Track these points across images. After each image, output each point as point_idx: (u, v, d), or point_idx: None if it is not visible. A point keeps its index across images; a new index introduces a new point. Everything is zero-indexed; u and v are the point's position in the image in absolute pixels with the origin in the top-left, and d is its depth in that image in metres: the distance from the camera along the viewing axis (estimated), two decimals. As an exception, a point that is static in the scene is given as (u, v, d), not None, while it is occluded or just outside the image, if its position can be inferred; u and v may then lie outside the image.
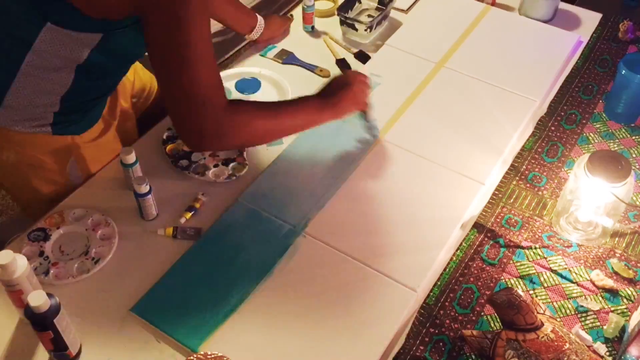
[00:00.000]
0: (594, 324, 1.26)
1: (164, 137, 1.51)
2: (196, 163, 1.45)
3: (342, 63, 1.76)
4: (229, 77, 1.69)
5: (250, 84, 1.68)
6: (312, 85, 1.67)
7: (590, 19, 1.93)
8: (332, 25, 1.89)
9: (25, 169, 1.35)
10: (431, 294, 1.28)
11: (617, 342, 1.24)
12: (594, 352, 1.23)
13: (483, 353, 1.21)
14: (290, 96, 1.61)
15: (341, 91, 1.35)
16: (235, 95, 1.65)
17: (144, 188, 1.28)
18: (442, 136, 1.53)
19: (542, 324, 1.20)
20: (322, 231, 1.32)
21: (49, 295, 1.02)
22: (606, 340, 1.24)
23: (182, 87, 1.10)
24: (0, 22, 1.17)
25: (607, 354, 1.23)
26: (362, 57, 1.78)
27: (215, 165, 1.45)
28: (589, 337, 1.24)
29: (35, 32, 1.15)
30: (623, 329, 1.25)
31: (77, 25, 1.15)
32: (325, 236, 1.31)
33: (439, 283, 1.30)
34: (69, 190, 1.40)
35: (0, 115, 1.25)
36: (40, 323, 1.03)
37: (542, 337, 1.18)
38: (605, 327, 1.26)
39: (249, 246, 1.29)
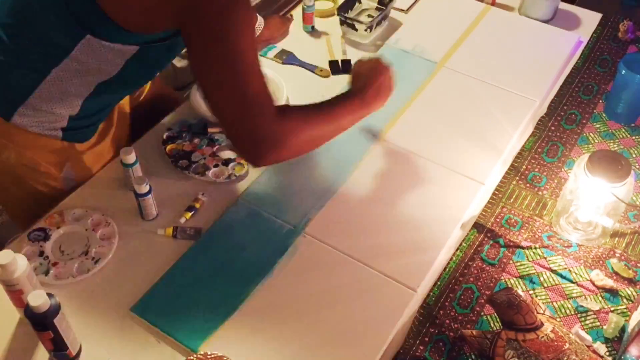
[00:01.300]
0: (593, 324, 1.26)
1: (164, 137, 1.51)
2: (196, 163, 1.45)
3: (334, 65, 1.75)
4: None
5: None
6: (311, 85, 1.68)
7: (590, 19, 1.94)
8: (332, 26, 1.89)
9: (21, 169, 1.35)
10: (431, 293, 1.28)
11: (617, 342, 1.24)
12: (594, 352, 1.23)
13: (483, 353, 1.21)
14: (284, 92, 1.61)
15: (372, 85, 1.32)
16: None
17: (144, 188, 1.28)
18: (442, 136, 1.53)
19: (542, 324, 1.20)
20: (322, 231, 1.32)
21: (49, 295, 1.03)
22: (606, 340, 1.24)
23: (234, 99, 1.08)
24: (36, 29, 1.18)
25: (607, 353, 1.23)
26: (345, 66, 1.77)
27: (216, 165, 1.45)
28: (588, 337, 1.24)
29: (74, 42, 1.17)
30: (623, 329, 1.25)
31: (116, 38, 1.17)
32: (325, 236, 1.31)
33: (438, 283, 1.30)
34: (58, 195, 1.40)
35: (19, 114, 1.27)
36: (40, 323, 1.03)
37: (542, 337, 1.18)
38: (605, 327, 1.26)
39: (249, 246, 1.29)
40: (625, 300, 1.28)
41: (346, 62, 1.76)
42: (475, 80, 1.68)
